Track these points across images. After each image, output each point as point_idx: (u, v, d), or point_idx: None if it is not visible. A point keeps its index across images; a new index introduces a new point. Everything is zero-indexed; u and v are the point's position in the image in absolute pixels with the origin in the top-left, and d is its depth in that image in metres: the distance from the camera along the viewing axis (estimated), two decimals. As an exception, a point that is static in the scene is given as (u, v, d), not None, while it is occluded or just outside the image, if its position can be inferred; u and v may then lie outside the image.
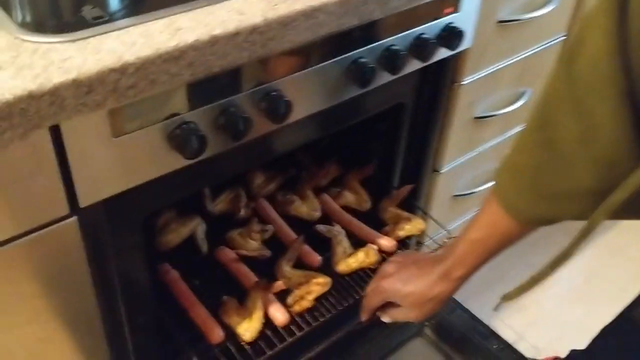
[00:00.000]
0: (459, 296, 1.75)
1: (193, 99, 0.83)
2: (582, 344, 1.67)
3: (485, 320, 1.82)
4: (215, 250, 1.25)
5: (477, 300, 1.98)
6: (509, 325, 1.91)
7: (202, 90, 0.84)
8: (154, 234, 1.22)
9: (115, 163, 0.81)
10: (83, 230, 0.84)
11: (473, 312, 1.47)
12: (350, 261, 1.25)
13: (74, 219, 0.82)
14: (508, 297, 0.88)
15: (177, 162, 0.87)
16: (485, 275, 1.38)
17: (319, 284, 1.19)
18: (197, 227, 1.26)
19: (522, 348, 1.84)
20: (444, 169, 1.48)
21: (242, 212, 1.30)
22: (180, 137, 0.84)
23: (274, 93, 0.91)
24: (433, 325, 1.42)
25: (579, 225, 0.74)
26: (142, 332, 1.04)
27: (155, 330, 1.09)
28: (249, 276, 1.20)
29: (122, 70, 0.72)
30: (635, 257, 2.17)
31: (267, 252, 1.24)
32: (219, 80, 0.84)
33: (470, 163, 1.55)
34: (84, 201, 0.81)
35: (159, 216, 1.24)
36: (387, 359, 1.39)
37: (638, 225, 2.31)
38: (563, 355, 1.75)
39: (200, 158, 0.86)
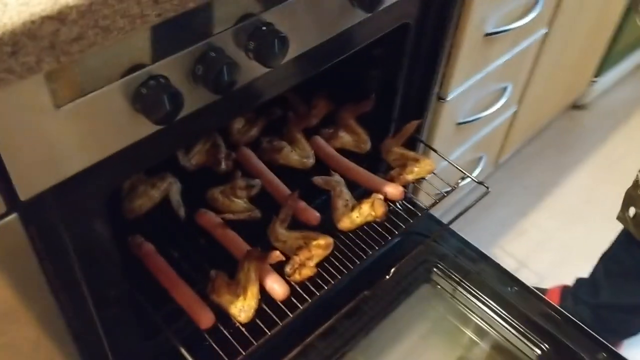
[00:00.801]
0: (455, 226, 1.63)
1: (161, 46, 0.61)
2: (585, 267, 1.57)
3: (485, 248, 1.71)
4: (195, 215, 1.06)
5: (474, 225, 1.86)
6: (510, 253, 1.80)
7: (172, 33, 0.61)
8: (120, 200, 1.02)
9: (62, 140, 0.60)
10: (27, 228, 0.64)
11: (469, 240, 1.35)
12: (354, 216, 1.08)
13: (13, 216, 0.61)
14: None
15: (144, 128, 0.66)
16: (482, 201, 1.25)
17: (321, 247, 1.02)
18: (171, 187, 1.06)
19: (524, 276, 1.75)
20: (450, 96, 1.29)
21: (223, 165, 1.10)
22: (148, 98, 0.62)
23: (265, 28, 0.69)
24: (439, 268, 1.29)
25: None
26: (116, 322, 0.87)
27: (133, 315, 0.91)
28: (238, 244, 1.02)
29: (60, 18, 0.49)
30: (632, 169, 2.06)
31: (257, 213, 1.06)
32: (193, 18, 0.62)
33: (476, 86, 1.37)
34: (24, 193, 0.60)
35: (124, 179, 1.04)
36: (395, 310, 1.26)
37: (632, 135, 2.20)
38: (568, 282, 1.67)
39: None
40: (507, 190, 1.96)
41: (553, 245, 1.81)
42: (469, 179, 1.19)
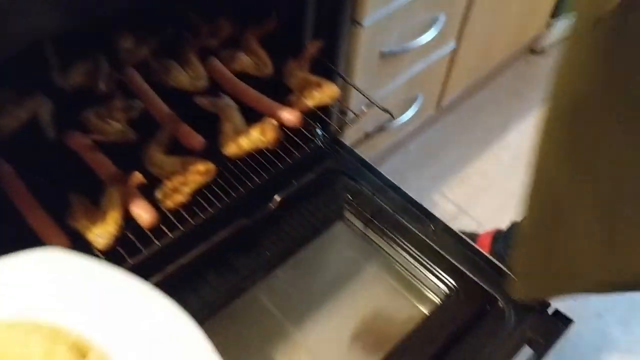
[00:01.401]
0: (396, 168, 1.54)
1: None
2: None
3: (425, 194, 1.63)
4: (64, 136, 0.97)
5: (418, 170, 1.78)
6: (450, 199, 1.72)
7: None
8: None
9: None
10: None
11: (411, 185, 1.27)
12: (242, 141, 0.99)
13: None
14: None
15: None
16: (427, 144, 1.16)
17: (199, 172, 0.93)
18: (41, 107, 0.97)
19: (464, 223, 1.68)
20: (368, 21, 1.19)
21: (102, 86, 1.01)
22: None
23: None
24: (353, 208, 1.21)
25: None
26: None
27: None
28: (108, 167, 0.93)
29: None
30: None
31: (131, 135, 0.97)
32: None
33: (400, 13, 1.26)
34: None
35: (-14, 95, 0.94)
36: (304, 246, 1.18)
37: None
38: (503, 227, 1.60)
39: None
40: (454, 136, 1.88)
41: (495, 192, 1.73)
42: (375, 107, 1.10)
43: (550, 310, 1.07)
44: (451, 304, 1.07)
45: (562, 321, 1.07)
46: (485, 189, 1.74)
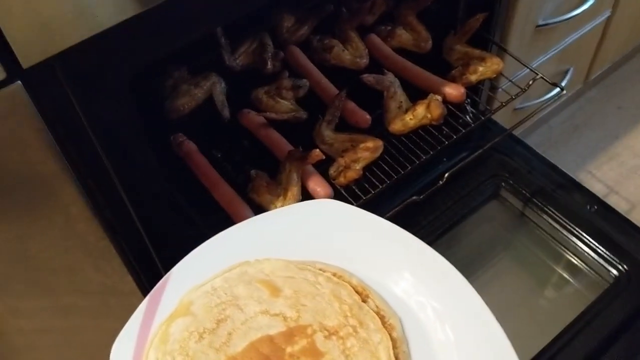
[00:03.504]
0: (538, 145, 1.48)
1: None
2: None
3: (571, 173, 1.56)
4: (239, 115, 1.01)
5: (561, 148, 1.71)
6: (599, 178, 1.64)
7: None
8: (162, 98, 0.99)
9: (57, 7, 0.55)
10: (37, 100, 0.61)
11: (554, 163, 1.22)
12: (407, 118, 0.99)
13: (17, 84, 0.59)
14: None
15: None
16: (570, 120, 1.10)
17: (368, 149, 0.94)
18: (215, 87, 1.01)
19: (615, 203, 1.59)
20: (526, -8, 1.14)
21: (270, 66, 1.04)
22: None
23: None
24: (509, 184, 1.18)
25: None
26: (154, 223, 0.84)
27: (172, 217, 0.89)
28: (281, 144, 0.96)
29: None
30: None
31: (303, 114, 0.99)
32: None
33: (558, -18, 1.21)
34: (27, 59, 0.57)
35: (166, 77, 1.00)
36: (461, 222, 1.17)
37: None
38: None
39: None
40: (600, 110, 1.78)
41: (648, 170, 1.62)
42: (545, 84, 1.06)
43: None
44: (621, 288, 1.02)
45: None
46: (636, 168, 1.64)
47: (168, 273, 0.65)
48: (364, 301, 0.63)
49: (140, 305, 0.63)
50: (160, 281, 0.65)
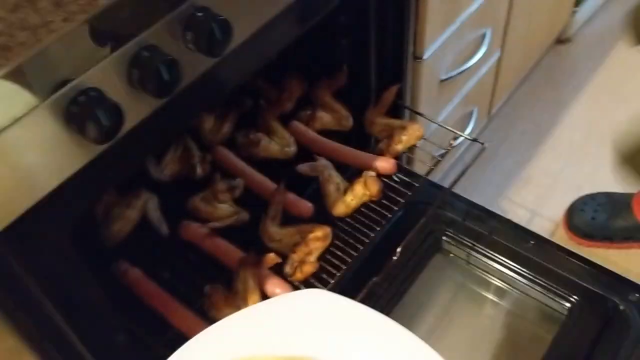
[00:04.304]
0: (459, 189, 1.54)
1: (82, 54, 0.53)
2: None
3: (493, 203, 1.64)
4: (179, 228, 0.99)
5: (480, 181, 1.79)
6: (519, 203, 1.72)
7: (91, 38, 0.53)
8: (95, 227, 0.94)
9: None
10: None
11: (475, 199, 1.28)
12: (348, 199, 1.00)
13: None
14: None
15: (88, 150, 0.59)
16: (483, 156, 1.15)
17: (319, 239, 0.94)
18: (148, 204, 0.98)
19: (539, 225, 1.67)
20: (427, 54, 1.20)
21: (199, 170, 1.03)
22: (79, 116, 0.54)
23: (201, 14, 0.61)
24: (449, 237, 1.22)
25: None
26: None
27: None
28: (230, 252, 0.94)
29: None
30: (630, 93, 1.98)
31: (245, 215, 0.98)
32: (113, 17, 0.54)
33: (453, 39, 1.28)
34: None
35: (96, 204, 0.96)
36: (411, 287, 1.19)
37: (623, 59, 2.11)
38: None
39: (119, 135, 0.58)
40: (506, 139, 1.88)
41: (562, 187, 1.73)
42: (462, 138, 1.11)
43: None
44: (576, 318, 1.07)
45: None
46: (552, 187, 1.74)
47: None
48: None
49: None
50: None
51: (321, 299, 0.68)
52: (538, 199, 1.73)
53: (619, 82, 2.01)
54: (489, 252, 1.17)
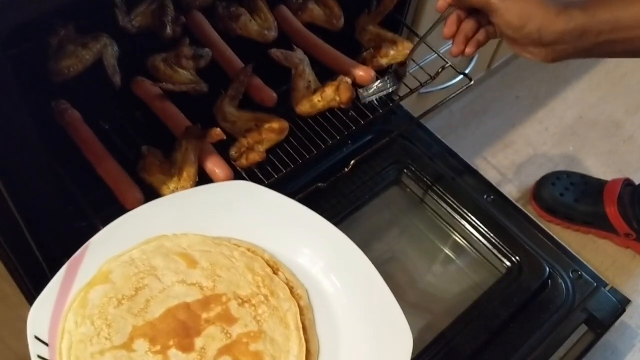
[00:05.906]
0: (438, 130, 1.50)
1: None
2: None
3: (467, 158, 1.60)
4: (132, 83, 0.92)
5: (460, 133, 1.74)
6: (493, 164, 1.69)
7: None
8: (45, 58, 0.87)
9: None
10: None
11: (453, 148, 1.23)
12: (316, 99, 0.94)
13: None
14: None
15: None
16: (471, 106, 1.12)
17: (273, 131, 0.89)
18: (106, 49, 0.91)
19: (507, 189, 1.64)
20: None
21: (169, 30, 0.95)
22: None
23: None
24: (411, 171, 1.17)
25: None
26: (33, 199, 0.74)
27: (52, 193, 0.79)
28: (178, 119, 0.89)
29: None
30: (636, 88, 1.92)
31: (204, 86, 0.92)
32: None
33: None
34: None
35: (51, 34, 0.89)
36: (362, 208, 1.15)
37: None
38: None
39: None
40: (499, 98, 1.82)
41: (540, 160, 1.69)
42: (450, 70, 1.05)
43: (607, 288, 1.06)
44: (512, 279, 1.05)
45: (620, 300, 1.06)
46: (529, 157, 1.70)
47: (87, 242, 0.68)
48: (275, 273, 0.71)
49: (57, 273, 0.66)
50: (79, 250, 0.68)
51: (249, 189, 0.76)
52: (512, 165, 1.69)
53: (623, 72, 1.95)
54: (445, 195, 1.13)
